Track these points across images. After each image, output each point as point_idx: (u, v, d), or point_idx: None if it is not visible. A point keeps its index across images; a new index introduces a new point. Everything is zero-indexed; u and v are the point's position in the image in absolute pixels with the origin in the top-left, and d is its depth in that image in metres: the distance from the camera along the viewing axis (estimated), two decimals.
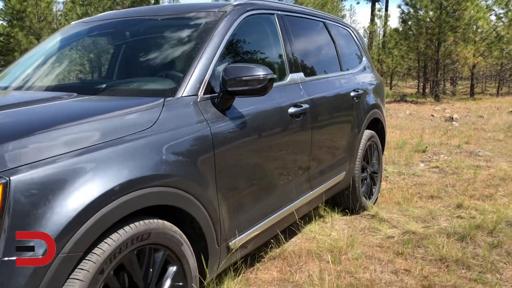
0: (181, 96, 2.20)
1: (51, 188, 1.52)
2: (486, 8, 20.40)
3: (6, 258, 1.40)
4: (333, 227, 3.78)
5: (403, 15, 21.13)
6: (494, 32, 20.80)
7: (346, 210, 4.18)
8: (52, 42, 3.19)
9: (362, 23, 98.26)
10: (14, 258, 1.41)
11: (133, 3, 28.37)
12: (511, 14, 21.20)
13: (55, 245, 1.47)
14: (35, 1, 22.99)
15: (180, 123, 2.10)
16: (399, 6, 21.20)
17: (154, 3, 29.68)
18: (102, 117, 1.87)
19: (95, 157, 1.68)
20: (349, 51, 4.37)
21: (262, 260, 3.13)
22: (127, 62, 2.75)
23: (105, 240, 1.67)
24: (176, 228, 2.01)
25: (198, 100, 2.25)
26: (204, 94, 2.30)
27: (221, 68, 2.43)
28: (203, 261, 2.18)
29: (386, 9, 33.26)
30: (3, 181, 1.42)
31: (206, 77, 2.33)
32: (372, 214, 4.15)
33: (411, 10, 20.46)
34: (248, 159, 2.50)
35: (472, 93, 22.42)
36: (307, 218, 3.81)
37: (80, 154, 1.65)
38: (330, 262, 3.00)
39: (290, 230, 3.56)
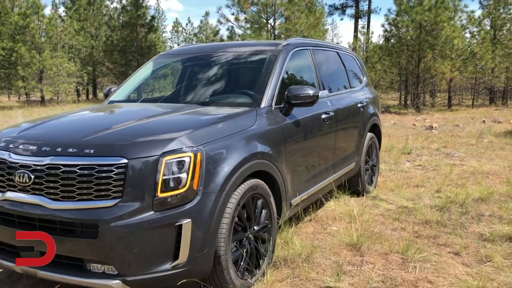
0: (264, 106, 3.49)
1: (219, 155, 2.80)
2: (461, 27, 22.28)
3: (209, 188, 2.66)
4: (346, 204, 5.08)
5: (386, 33, 22.88)
6: (468, 49, 22.65)
7: (354, 194, 5.49)
8: (149, 69, 4.47)
9: (345, 37, 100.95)
10: (212, 189, 2.67)
11: (130, 19, 29.66)
12: (483, 33, 23.15)
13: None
14: (37, 17, 24.03)
15: (266, 123, 3.39)
16: (383, 25, 22.92)
17: (150, 21, 30.94)
18: (229, 118, 3.17)
19: (233, 140, 2.96)
20: (354, 72, 5.72)
21: (302, 221, 4.42)
22: (218, 83, 4.02)
23: (240, 187, 2.94)
24: (267, 186, 3.28)
25: (273, 109, 3.55)
26: (275, 105, 3.60)
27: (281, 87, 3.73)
28: (284, 207, 3.46)
29: (368, 27, 35.21)
30: (200, 151, 2.69)
31: (275, 94, 3.63)
32: (373, 196, 5.47)
33: (394, 29, 22.22)
34: (301, 146, 3.80)
35: (449, 105, 24.18)
36: (326, 198, 5.09)
37: (227, 138, 2.93)
38: (350, 222, 4.30)
39: (316, 205, 4.85)
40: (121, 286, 2.53)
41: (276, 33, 19.86)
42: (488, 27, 25.66)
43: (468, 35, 24.03)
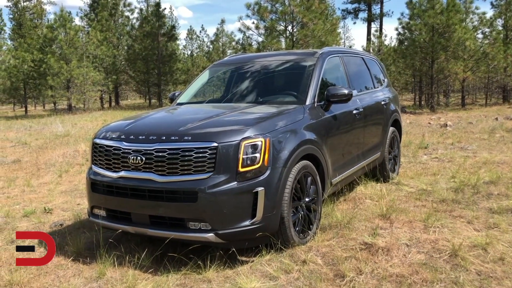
0: (308, 104, 4.35)
1: (281, 140, 3.66)
2: (472, 29, 22.90)
3: (275, 165, 3.52)
4: (374, 188, 5.90)
5: (399, 36, 23.64)
6: (481, 50, 23.24)
7: (380, 180, 6.29)
8: (205, 76, 5.37)
9: (357, 40, 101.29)
10: (278, 165, 3.53)
11: (152, 29, 30.84)
12: (495, 33, 23.72)
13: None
14: (64, 29, 25.29)
15: (312, 116, 4.24)
16: (396, 29, 23.71)
17: (170, 30, 32.05)
18: (284, 113, 4.03)
19: (290, 129, 3.82)
20: (377, 74, 6.55)
21: (338, 201, 5.26)
22: (267, 86, 4.90)
23: (296, 165, 3.79)
24: (314, 167, 4.13)
25: (315, 106, 4.40)
26: (316, 102, 4.45)
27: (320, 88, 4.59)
28: (328, 184, 4.30)
29: (381, 30, 35.88)
30: (268, 137, 3.55)
31: (316, 94, 4.49)
32: (396, 182, 6.28)
33: (407, 32, 22.97)
34: (338, 136, 4.64)
35: (463, 104, 24.74)
36: (355, 184, 5.92)
37: (285, 128, 3.79)
38: (377, 201, 5.12)
39: (348, 188, 5.67)
40: (214, 237, 3.40)
41: (294, 39, 20.75)
42: (500, 27, 26.21)
43: (480, 35, 24.64)
